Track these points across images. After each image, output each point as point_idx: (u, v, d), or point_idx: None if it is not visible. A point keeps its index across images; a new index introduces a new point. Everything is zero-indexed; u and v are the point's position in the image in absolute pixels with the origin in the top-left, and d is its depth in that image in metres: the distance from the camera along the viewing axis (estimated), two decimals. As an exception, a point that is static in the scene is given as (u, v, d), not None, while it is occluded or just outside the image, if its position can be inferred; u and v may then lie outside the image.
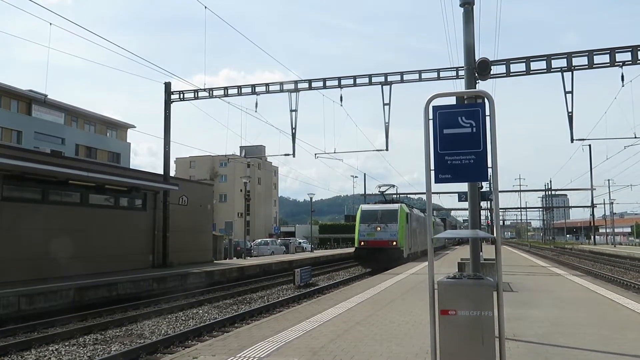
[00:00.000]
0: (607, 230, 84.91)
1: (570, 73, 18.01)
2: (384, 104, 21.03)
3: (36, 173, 16.69)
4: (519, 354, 6.14)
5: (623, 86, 18.19)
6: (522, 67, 18.38)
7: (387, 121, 21.07)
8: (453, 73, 20.38)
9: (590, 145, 49.68)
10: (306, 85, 22.37)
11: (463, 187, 19.94)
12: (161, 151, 24.40)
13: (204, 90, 23.72)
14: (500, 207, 5.61)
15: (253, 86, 23.26)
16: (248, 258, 34.44)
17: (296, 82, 22.48)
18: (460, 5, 8.54)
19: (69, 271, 16.81)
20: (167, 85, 24.30)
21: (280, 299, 15.91)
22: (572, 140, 18.56)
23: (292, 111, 22.56)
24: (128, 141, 58.62)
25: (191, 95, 24.09)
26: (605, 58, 17.86)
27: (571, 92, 17.94)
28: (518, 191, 77.60)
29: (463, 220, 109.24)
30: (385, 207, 27.54)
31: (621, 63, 17.67)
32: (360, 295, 12.44)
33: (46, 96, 43.73)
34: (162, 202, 23.34)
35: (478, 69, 8.87)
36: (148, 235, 22.99)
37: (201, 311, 14.17)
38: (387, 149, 21.76)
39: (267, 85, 23.09)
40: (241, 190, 64.61)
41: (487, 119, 4.87)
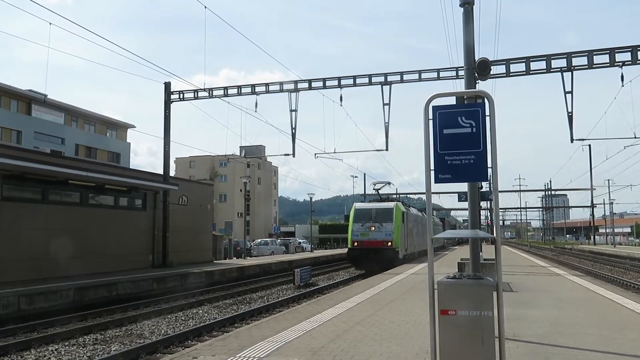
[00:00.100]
0: (607, 230, 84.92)
1: (570, 73, 18.03)
2: (384, 104, 21.04)
3: (36, 173, 16.70)
4: (519, 354, 6.14)
5: (623, 86, 18.24)
6: (522, 67, 18.39)
7: (387, 121, 21.09)
8: (453, 73, 20.40)
9: (590, 145, 49.86)
10: (306, 85, 22.37)
11: (463, 187, 19.94)
12: (161, 151, 24.44)
13: (204, 90, 23.73)
14: (500, 207, 5.61)
15: (253, 86, 23.26)
16: (248, 258, 34.44)
17: (296, 82, 22.49)
18: (460, 5, 8.54)
19: (69, 271, 16.81)
20: (167, 85, 24.30)
21: (280, 299, 15.92)
22: (572, 140, 18.59)
23: (292, 111, 22.57)
24: (128, 141, 58.70)
25: (191, 95, 24.09)
26: (605, 58, 17.87)
27: (571, 92, 17.96)
28: (518, 191, 77.58)
29: (463, 220, 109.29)
30: (380, 206, 26.46)
31: (621, 63, 17.68)
32: (360, 295, 12.45)
33: (46, 96, 43.73)
34: (162, 202, 23.34)
35: (478, 69, 8.87)
36: (148, 235, 23.00)
37: (201, 311, 14.18)
38: (387, 149, 21.76)
39: (267, 85, 23.09)
40: (241, 190, 64.62)
41: (487, 119, 4.88)
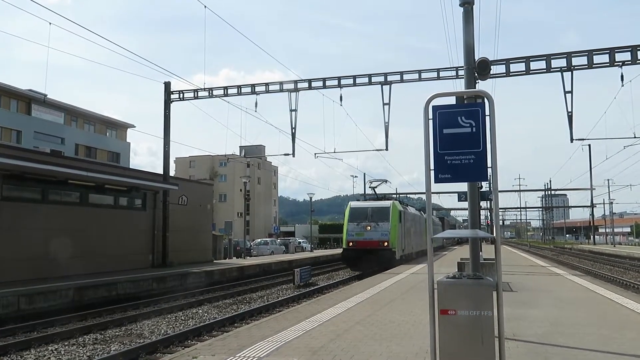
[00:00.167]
0: (607, 230, 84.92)
1: (570, 73, 18.03)
2: (384, 104, 21.03)
3: (36, 173, 16.70)
4: (519, 354, 6.14)
5: (623, 86, 18.25)
6: (522, 67, 18.39)
7: (387, 121, 21.08)
8: (453, 73, 20.40)
9: (589, 145, 49.86)
10: (306, 85, 22.36)
11: (463, 187, 19.95)
12: (161, 151, 24.44)
13: (204, 89, 23.72)
14: (499, 207, 5.60)
15: (253, 86, 23.26)
16: (248, 258, 34.43)
17: (296, 82, 22.49)
18: (460, 4, 8.52)
19: (69, 271, 16.81)
20: (167, 85, 24.30)
21: (279, 299, 15.92)
22: (572, 140, 18.60)
23: (292, 111, 22.56)
24: (128, 141, 58.69)
25: (191, 95, 24.09)
26: (604, 58, 17.87)
27: (571, 92, 17.96)
28: (518, 191, 77.60)
29: (463, 220, 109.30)
30: (376, 204, 25.54)
31: (621, 63, 17.68)
32: (359, 295, 12.45)
33: (46, 96, 43.71)
34: (162, 202, 23.34)
35: (478, 69, 8.86)
36: (148, 235, 23.00)
37: (201, 311, 14.18)
38: (387, 149, 21.73)
39: (267, 85, 23.08)
40: (241, 190, 64.62)
41: (487, 119, 4.88)
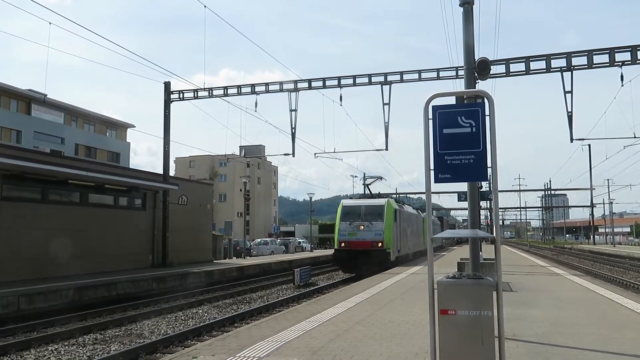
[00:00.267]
0: (607, 230, 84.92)
1: (569, 73, 18.03)
2: (384, 104, 21.03)
3: (36, 173, 16.69)
4: (519, 354, 6.14)
5: (622, 86, 18.27)
6: (522, 67, 18.39)
7: (387, 121, 21.08)
8: (453, 73, 20.40)
9: (589, 145, 49.98)
10: (306, 84, 22.36)
11: (463, 187, 19.98)
12: (161, 151, 24.45)
13: (204, 89, 23.72)
14: (499, 207, 5.60)
15: (253, 86, 23.26)
16: (247, 258, 34.43)
17: (296, 82, 22.48)
18: (459, 4, 8.51)
19: (69, 271, 16.81)
20: (167, 84, 24.29)
21: (279, 299, 15.93)
22: (572, 140, 18.61)
23: (292, 111, 22.56)
24: (128, 141, 58.64)
25: (191, 94, 24.09)
26: (604, 58, 17.87)
27: (571, 92, 17.96)
28: (518, 191, 77.66)
29: (462, 220, 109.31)
30: (369, 202, 24.23)
31: (621, 63, 17.68)
32: (359, 295, 12.44)
33: (45, 96, 43.70)
34: (162, 202, 23.34)
35: (478, 69, 8.86)
36: (148, 234, 22.99)
37: (201, 311, 14.18)
38: (387, 149, 21.73)
39: (267, 84, 23.08)
40: (241, 189, 64.60)
41: (487, 119, 4.88)
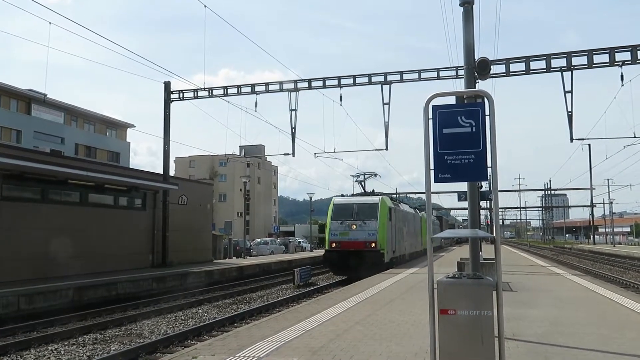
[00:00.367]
0: (607, 229, 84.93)
1: (569, 73, 18.03)
2: (384, 104, 21.03)
3: (36, 172, 16.69)
4: (519, 354, 6.14)
5: (622, 86, 18.27)
6: (522, 67, 18.39)
7: (387, 121, 21.07)
8: (453, 72, 20.40)
9: (589, 144, 49.95)
10: (306, 84, 22.35)
11: (463, 187, 19.95)
12: (161, 151, 24.45)
13: (204, 89, 23.72)
14: (499, 207, 5.60)
15: (253, 85, 23.26)
16: (247, 258, 34.43)
17: (296, 82, 22.48)
18: (460, 4, 8.51)
19: (69, 271, 16.81)
20: (167, 84, 24.29)
21: (279, 299, 15.93)
22: (572, 139, 18.61)
23: (292, 110, 22.55)
24: (128, 140, 58.65)
25: (191, 94, 24.08)
26: (604, 58, 17.87)
27: (571, 92, 17.96)
28: (517, 191, 77.70)
29: (462, 219, 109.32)
30: (362, 200, 22.72)
31: (621, 63, 17.68)
32: (359, 294, 12.44)
33: (45, 95, 43.69)
34: (162, 202, 23.34)
35: (478, 69, 8.86)
36: (148, 234, 22.99)
37: (200, 311, 14.18)
38: (387, 149, 21.72)
39: (267, 84, 23.08)
40: (241, 189, 64.58)
41: (487, 119, 4.87)
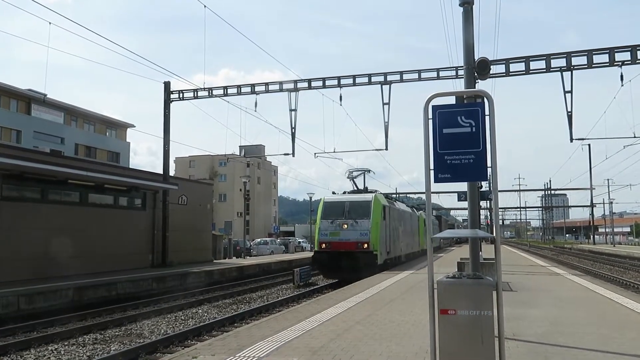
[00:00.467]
0: (607, 229, 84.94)
1: (569, 73, 18.03)
2: (384, 104, 21.03)
3: (36, 172, 16.69)
4: (519, 354, 6.14)
5: (622, 86, 18.29)
6: (522, 67, 18.39)
7: (387, 120, 21.07)
8: (452, 72, 20.40)
9: (589, 144, 50.06)
10: (306, 84, 22.35)
11: (463, 187, 19.97)
12: (161, 151, 24.46)
13: (204, 89, 23.73)
14: (499, 207, 5.60)
15: (252, 85, 23.26)
16: (247, 257, 34.43)
17: (296, 82, 22.48)
18: (459, 4, 8.51)
19: (69, 270, 16.80)
20: (167, 84, 24.29)
21: (279, 299, 15.93)
22: (572, 139, 18.63)
23: (292, 110, 22.55)
24: (127, 140, 58.69)
25: (191, 94, 24.08)
26: (604, 58, 17.88)
27: (570, 92, 17.97)
28: (517, 191, 77.71)
29: (462, 219, 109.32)
30: (354, 198, 21.20)
31: (620, 63, 17.68)
32: (359, 294, 12.44)
33: (45, 95, 43.69)
34: (162, 202, 23.34)
35: (477, 69, 8.86)
36: (147, 234, 22.99)
37: (200, 311, 14.18)
38: (387, 149, 21.72)
39: (267, 84, 23.08)
40: (240, 189, 64.56)
41: (487, 119, 4.88)
